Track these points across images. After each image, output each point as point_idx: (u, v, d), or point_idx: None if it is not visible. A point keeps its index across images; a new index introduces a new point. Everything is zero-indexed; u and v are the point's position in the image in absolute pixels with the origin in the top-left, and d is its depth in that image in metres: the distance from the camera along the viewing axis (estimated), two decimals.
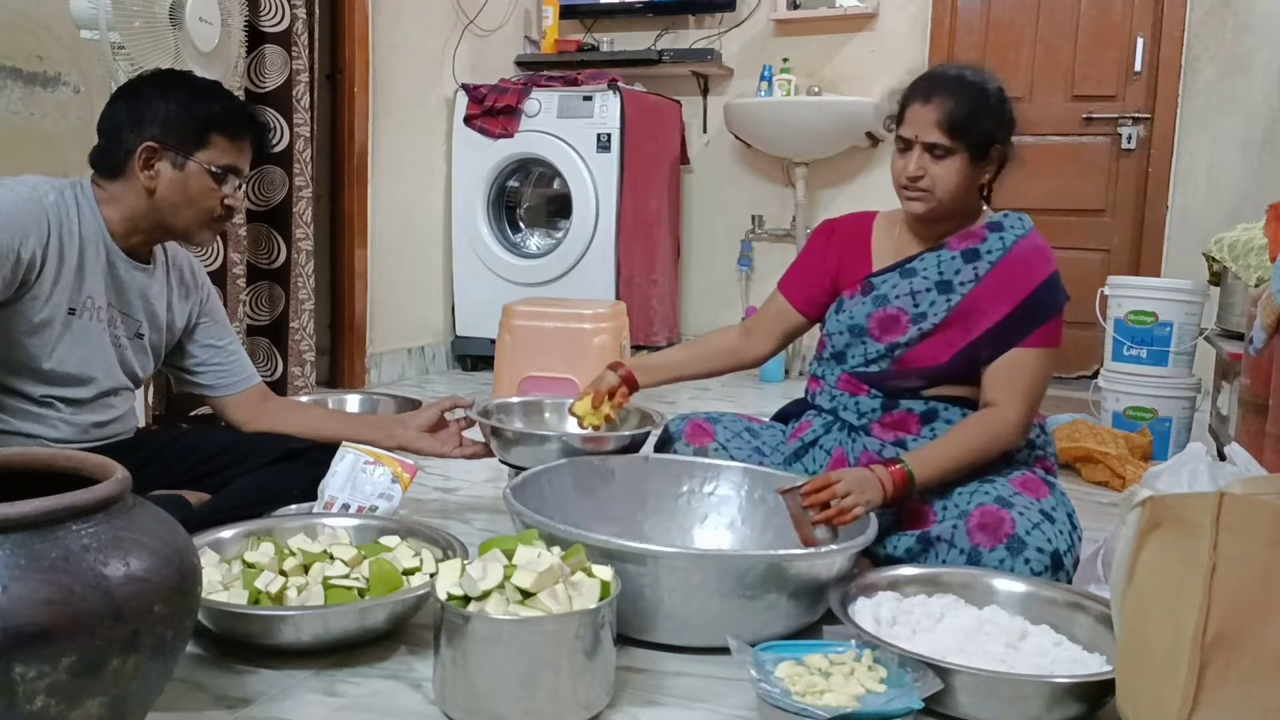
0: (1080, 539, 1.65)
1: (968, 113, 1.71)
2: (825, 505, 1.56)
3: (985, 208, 1.85)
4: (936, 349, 1.78)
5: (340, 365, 3.68)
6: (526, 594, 1.22)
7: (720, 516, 1.83)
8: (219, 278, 2.84)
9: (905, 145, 1.75)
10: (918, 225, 1.83)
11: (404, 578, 1.49)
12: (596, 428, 1.89)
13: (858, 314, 1.83)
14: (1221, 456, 2.14)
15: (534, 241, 4.23)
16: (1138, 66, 3.95)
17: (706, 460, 1.88)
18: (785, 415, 2.03)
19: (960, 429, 1.73)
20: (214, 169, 1.69)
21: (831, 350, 1.87)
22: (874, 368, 1.82)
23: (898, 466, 1.63)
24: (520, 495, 1.58)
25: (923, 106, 1.72)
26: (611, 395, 1.90)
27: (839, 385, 1.86)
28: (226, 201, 1.73)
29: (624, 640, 1.41)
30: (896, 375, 1.80)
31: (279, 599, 1.42)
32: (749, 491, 1.82)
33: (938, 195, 1.73)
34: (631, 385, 1.92)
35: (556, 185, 4.11)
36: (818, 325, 1.96)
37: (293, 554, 1.51)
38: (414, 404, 2.49)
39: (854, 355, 1.83)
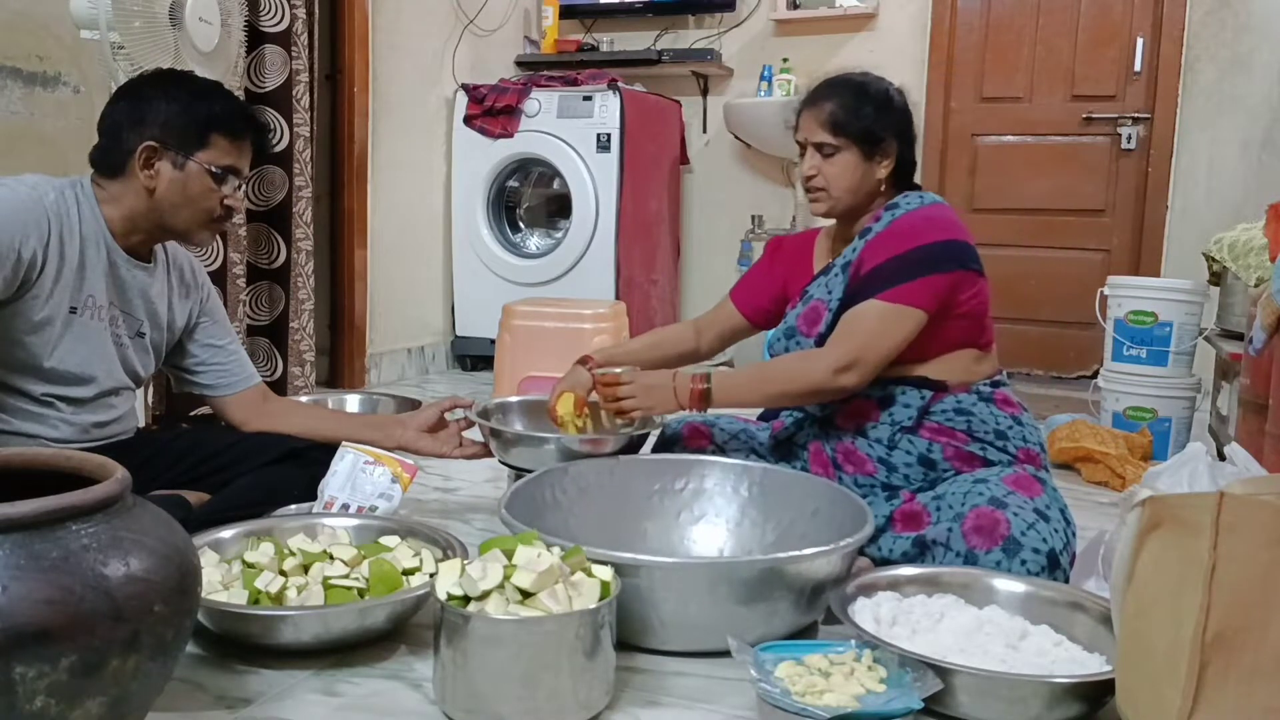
0: (1075, 534, 1.65)
1: (849, 110, 1.79)
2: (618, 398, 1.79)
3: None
4: None
5: (340, 365, 3.68)
6: (526, 594, 1.22)
7: (717, 514, 1.82)
8: (219, 277, 2.84)
9: (801, 149, 1.85)
10: (840, 229, 1.92)
11: (404, 578, 1.49)
12: (579, 429, 1.90)
13: (790, 318, 1.90)
14: (1221, 456, 2.14)
15: (534, 241, 4.23)
16: (1137, 66, 3.95)
17: (700, 458, 1.87)
18: (766, 417, 2.06)
19: (776, 359, 1.85)
20: (214, 169, 1.70)
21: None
22: None
23: (701, 384, 1.76)
24: (517, 505, 1.58)
25: (809, 110, 1.83)
26: (589, 393, 1.92)
27: None
28: (226, 202, 1.74)
29: (623, 646, 1.40)
30: None
31: (279, 599, 1.42)
32: (734, 488, 1.82)
33: (833, 194, 1.82)
34: None
35: (556, 185, 4.11)
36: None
37: (292, 554, 1.51)
38: (414, 404, 2.49)
39: None
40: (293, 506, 1.86)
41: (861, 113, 1.79)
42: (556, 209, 4.26)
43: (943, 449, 1.76)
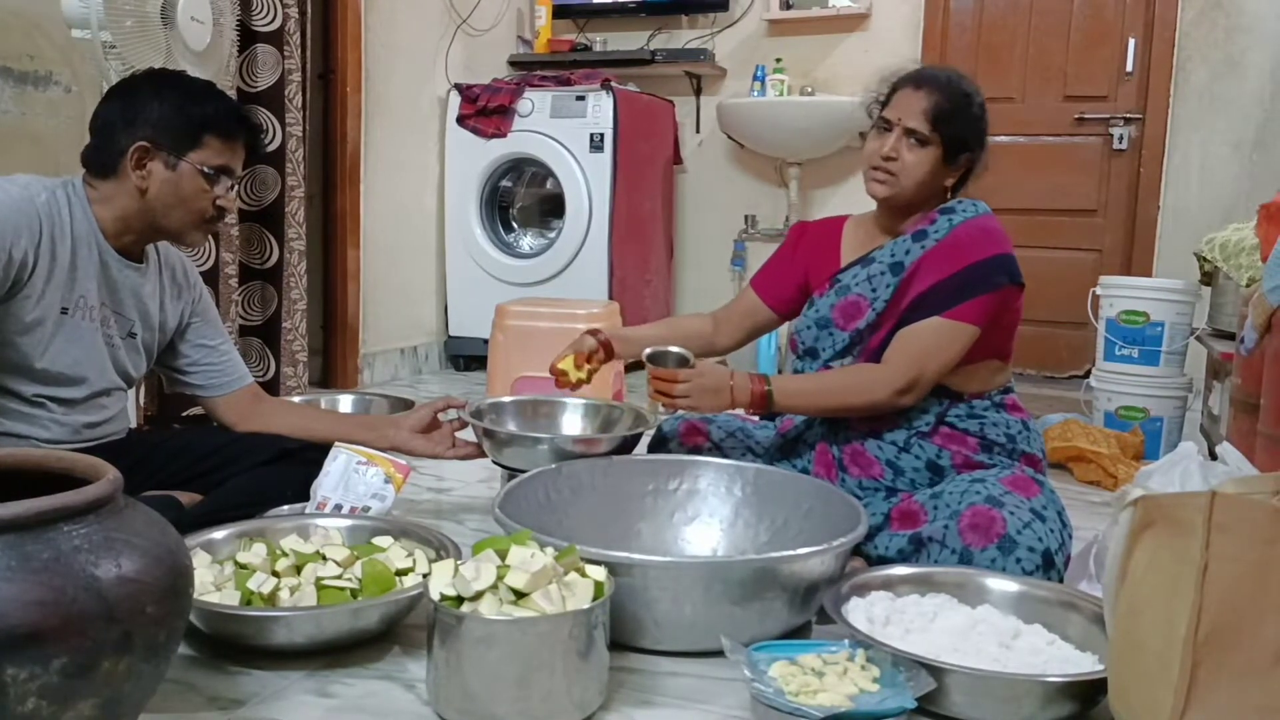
0: (1070, 536, 1.66)
1: (952, 109, 1.76)
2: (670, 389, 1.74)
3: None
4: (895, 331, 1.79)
5: (333, 365, 3.67)
6: (520, 594, 1.22)
7: (711, 515, 1.82)
8: (211, 278, 2.83)
9: (886, 126, 1.80)
10: (882, 220, 1.88)
11: (397, 578, 1.49)
12: (575, 386, 1.89)
13: (823, 307, 1.87)
14: (1213, 456, 2.15)
15: (527, 241, 4.23)
16: (1129, 67, 3.96)
17: (694, 459, 1.87)
18: (773, 414, 2.04)
19: (836, 370, 1.82)
20: (207, 170, 1.69)
21: (804, 347, 1.90)
22: (847, 358, 1.84)
23: (761, 385, 1.74)
24: (511, 505, 1.57)
25: (914, 92, 1.78)
26: (589, 359, 1.91)
27: None
28: (219, 202, 1.73)
29: (617, 646, 1.40)
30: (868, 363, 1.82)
31: (271, 600, 1.42)
32: (728, 488, 1.82)
33: (903, 181, 1.78)
34: (609, 352, 1.93)
35: (549, 185, 4.11)
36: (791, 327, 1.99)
37: (285, 554, 1.50)
38: (407, 404, 2.49)
39: (824, 348, 1.86)
40: (285, 507, 1.85)
41: (965, 116, 1.78)
42: (550, 209, 4.25)
43: (951, 456, 1.76)
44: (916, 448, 1.78)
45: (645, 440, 2.05)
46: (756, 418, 2.05)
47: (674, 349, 1.82)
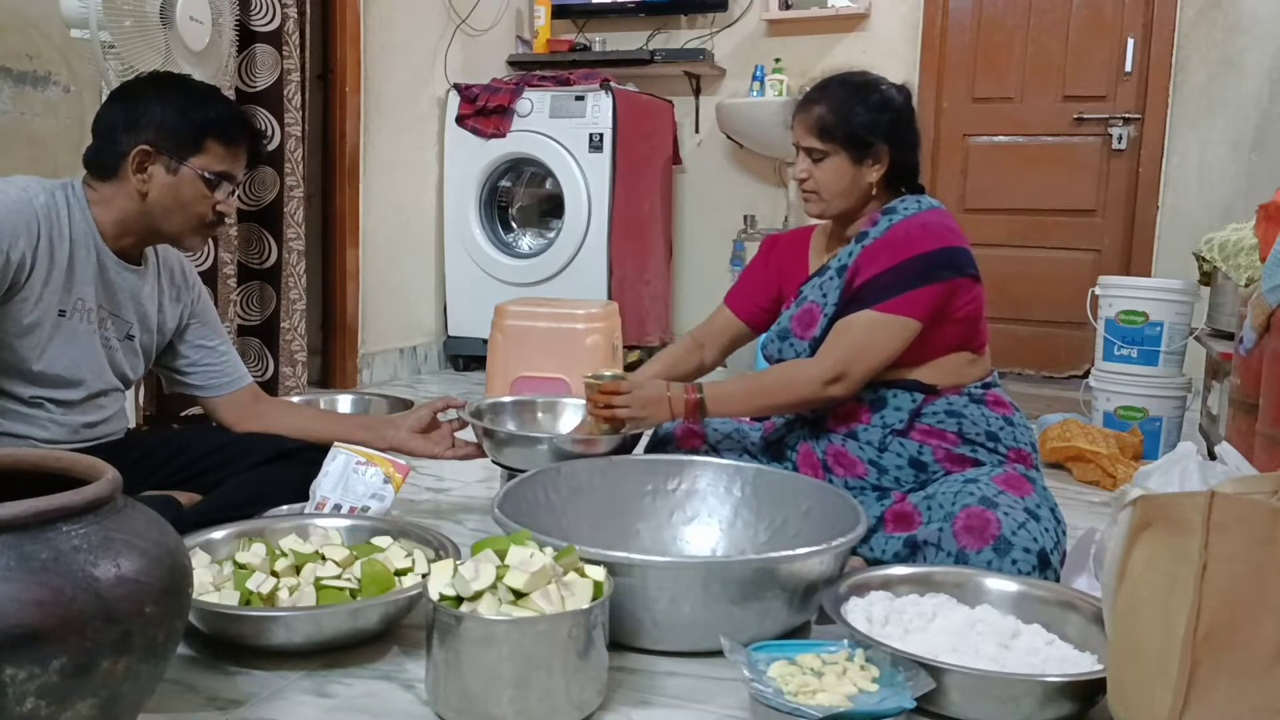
0: (1065, 533, 1.66)
1: (838, 116, 1.79)
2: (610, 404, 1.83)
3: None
4: None
5: (332, 365, 3.67)
6: (519, 594, 1.22)
7: (710, 515, 1.82)
8: (209, 278, 2.83)
9: (798, 150, 1.85)
10: (835, 228, 1.92)
11: (396, 578, 1.49)
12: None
13: (784, 319, 1.90)
14: (1212, 456, 2.15)
15: (526, 241, 4.23)
16: (1128, 67, 3.96)
17: (693, 459, 1.87)
18: (759, 418, 2.06)
19: (767, 369, 1.86)
20: (207, 175, 1.69)
21: (770, 360, 1.92)
22: None
23: (694, 394, 1.80)
24: (510, 505, 1.57)
25: (802, 112, 1.84)
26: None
27: None
28: (219, 207, 1.73)
29: (616, 646, 1.40)
30: None
31: (270, 600, 1.42)
32: (727, 488, 1.81)
33: (824, 196, 1.83)
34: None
35: (549, 185, 4.11)
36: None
37: (284, 555, 1.50)
38: (406, 404, 2.49)
39: (788, 358, 1.87)
40: (284, 507, 1.85)
41: (851, 117, 1.78)
42: (549, 209, 4.25)
43: (933, 451, 1.76)
44: (896, 445, 1.78)
45: (644, 441, 2.05)
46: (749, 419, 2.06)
47: (607, 371, 1.92)
